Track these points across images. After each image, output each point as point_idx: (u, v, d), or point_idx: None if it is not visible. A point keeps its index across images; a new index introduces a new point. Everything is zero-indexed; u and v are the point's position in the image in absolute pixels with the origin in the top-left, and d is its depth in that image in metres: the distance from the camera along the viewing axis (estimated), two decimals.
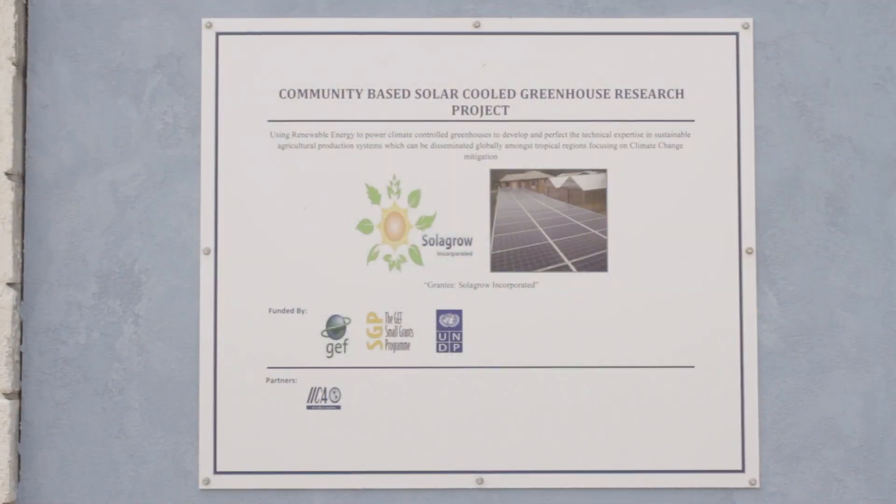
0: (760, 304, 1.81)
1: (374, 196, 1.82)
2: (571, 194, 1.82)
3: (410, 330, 1.81)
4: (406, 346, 1.80)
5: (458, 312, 1.81)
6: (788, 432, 1.80)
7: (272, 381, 1.80)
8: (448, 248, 1.81)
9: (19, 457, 1.78)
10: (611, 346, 1.80)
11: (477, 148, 1.82)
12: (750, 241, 1.81)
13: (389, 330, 1.80)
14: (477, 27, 1.83)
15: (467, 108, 1.83)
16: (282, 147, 1.82)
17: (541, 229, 1.82)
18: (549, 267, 1.80)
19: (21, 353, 1.79)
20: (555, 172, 1.82)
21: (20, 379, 1.78)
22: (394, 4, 1.84)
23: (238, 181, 1.81)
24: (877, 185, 1.82)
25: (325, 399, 1.79)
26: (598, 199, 1.82)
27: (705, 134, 1.82)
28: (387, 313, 1.81)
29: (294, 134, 1.83)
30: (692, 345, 1.80)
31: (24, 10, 1.81)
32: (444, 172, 1.82)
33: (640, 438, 1.79)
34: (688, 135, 1.83)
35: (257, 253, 1.81)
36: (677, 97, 1.83)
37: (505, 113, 1.82)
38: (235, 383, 1.79)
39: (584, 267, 1.81)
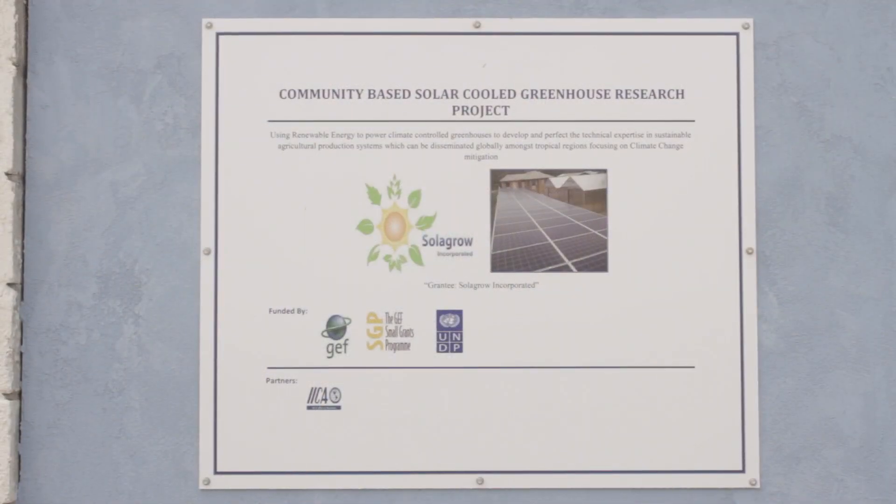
0: (761, 304, 1.81)
1: (374, 196, 1.82)
2: (571, 194, 1.82)
3: (411, 330, 1.81)
4: (406, 346, 1.80)
5: (459, 313, 1.81)
6: (789, 432, 1.80)
7: (272, 382, 1.80)
8: (448, 249, 1.81)
9: (19, 457, 1.78)
10: (611, 346, 1.80)
11: (477, 148, 1.82)
12: (750, 241, 1.81)
13: (390, 330, 1.80)
14: (477, 27, 1.83)
15: (467, 108, 1.83)
16: (282, 147, 1.82)
17: (541, 229, 1.82)
18: (550, 267, 1.80)
19: (21, 354, 1.79)
20: (555, 173, 1.82)
21: (20, 379, 1.78)
22: (394, 5, 1.84)
23: (238, 181, 1.81)
24: (877, 185, 1.82)
25: (325, 399, 1.79)
26: (598, 199, 1.82)
27: (705, 134, 1.82)
28: (387, 313, 1.81)
29: (294, 134, 1.83)
30: (692, 345, 1.80)
31: (25, 11, 1.81)
32: (444, 173, 1.82)
33: (640, 438, 1.79)
34: (688, 135, 1.83)
35: (258, 253, 1.81)
36: (677, 97, 1.83)
37: (505, 113, 1.82)
38: (236, 383, 1.79)
39: (584, 267, 1.81)
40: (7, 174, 1.75)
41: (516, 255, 1.81)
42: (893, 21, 1.84)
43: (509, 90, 1.83)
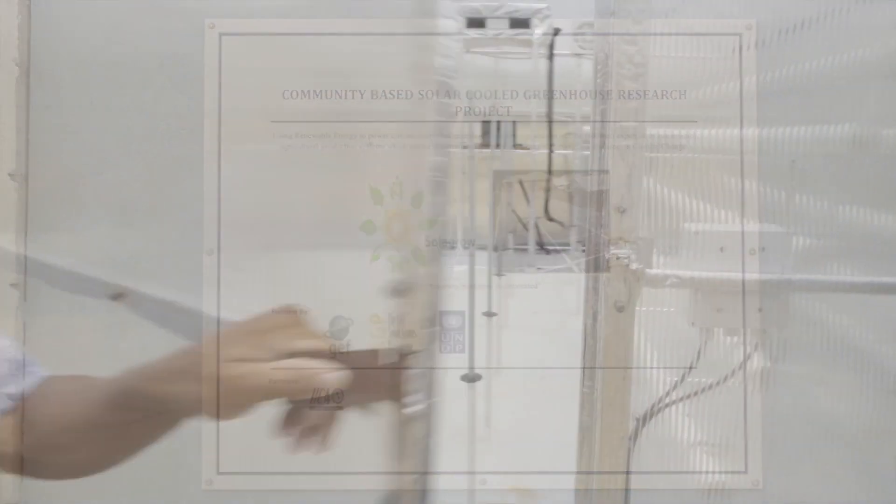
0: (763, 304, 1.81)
1: (376, 197, 1.82)
2: (573, 195, 1.82)
3: (413, 331, 1.81)
4: (408, 346, 1.80)
5: (462, 313, 1.81)
6: (791, 433, 1.80)
7: (274, 382, 1.79)
8: (451, 249, 1.81)
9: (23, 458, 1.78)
10: (611, 347, 1.80)
11: (480, 149, 1.82)
12: (753, 241, 1.81)
13: (392, 331, 1.80)
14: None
15: (470, 108, 1.83)
16: (285, 148, 1.82)
17: (543, 230, 1.82)
18: (552, 268, 1.81)
19: (24, 355, 1.79)
20: (557, 173, 1.82)
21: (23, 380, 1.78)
22: (397, 5, 1.84)
23: (241, 182, 1.81)
24: None
25: (327, 400, 1.79)
26: (600, 199, 1.82)
27: (708, 135, 1.83)
28: (390, 314, 1.81)
29: (297, 135, 1.82)
30: (694, 345, 1.80)
31: (27, 11, 1.81)
32: (446, 173, 1.82)
33: (640, 438, 1.79)
34: (690, 136, 1.83)
35: (260, 254, 1.81)
36: (679, 98, 1.83)
37: (508, 114, 1.83)
38: None
39: (586, 267, 1.81)
40: (10, 175, 1.76)
41: (518, 255, 1.81)
42: None
43: (512, 91, 1.83)
